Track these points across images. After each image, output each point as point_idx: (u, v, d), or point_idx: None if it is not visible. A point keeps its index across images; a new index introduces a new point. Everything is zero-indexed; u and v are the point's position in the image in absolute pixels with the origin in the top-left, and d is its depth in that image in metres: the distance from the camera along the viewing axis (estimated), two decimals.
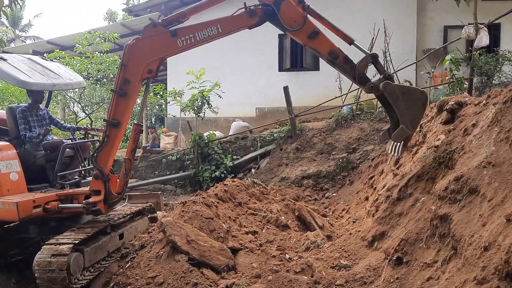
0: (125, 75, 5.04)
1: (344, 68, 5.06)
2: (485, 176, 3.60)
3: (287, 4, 4.91)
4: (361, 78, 5.02)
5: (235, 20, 5.05)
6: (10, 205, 5.05)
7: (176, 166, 12.30)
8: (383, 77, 4.93)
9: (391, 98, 4.85)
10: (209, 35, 5.00)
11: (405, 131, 4.82)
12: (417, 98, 4.85)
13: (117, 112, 5.13)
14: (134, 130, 5.32)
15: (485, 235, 3.12)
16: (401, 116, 4.83)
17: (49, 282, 4.60)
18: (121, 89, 5.06)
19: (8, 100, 12.27)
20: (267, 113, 14.75)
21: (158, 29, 5.02)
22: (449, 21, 12.85)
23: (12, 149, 5.63)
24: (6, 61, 5.80)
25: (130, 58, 5.03)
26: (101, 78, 13.52)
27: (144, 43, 5.04)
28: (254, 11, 4.93)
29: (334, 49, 5.01)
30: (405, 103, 4.79)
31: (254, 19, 4.96)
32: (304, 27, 4.93)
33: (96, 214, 5.52)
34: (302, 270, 4.54)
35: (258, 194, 7.55)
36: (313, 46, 5.03)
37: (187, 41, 5.00)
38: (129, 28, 16.95)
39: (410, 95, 4.81)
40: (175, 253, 4.87)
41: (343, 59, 5.03)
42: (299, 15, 4.93)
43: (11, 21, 35.57)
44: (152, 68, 5.08)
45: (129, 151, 5.34)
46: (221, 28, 5.01)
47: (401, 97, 4.78)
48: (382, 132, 5.53)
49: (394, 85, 4.88)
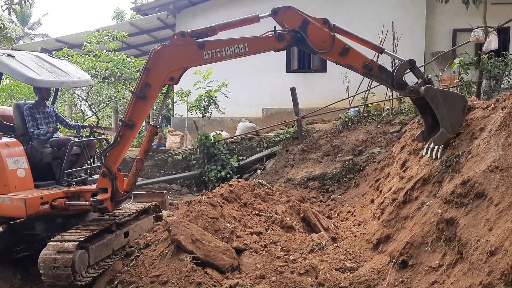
0: (147, 79, 5.07)
1: (380, 77, 5.09)
2: (493, 180, 3.58)
3: (313, 27, 4.94)
4: (400, 84, 5.04)
5: (263, 42, 5.06)
6: (18, 201, 5.09)
7: (182, 166, 12.32)
8: (422, 82, 4.94)
9: (432, 102, 4.87)
10: (235, 52, 5.02)
11: (445, 135, 4.86)
12: (458, 102, 4.90)
13: (133, 114, 5.16)
14: (150, 132, 5.37)
15: (491, 239, 3.10)
16: (442, 119, 4.86)
17: (54, 278, 4.62)
18: (141, 92, 5.09)
19: (16, 97, 12.33)
20: (274, 114, 14.75)
21: (186, 39, 5.03)
22: (458, 24, 12.78)
23: (20, 146, 5.67)
24: (15, 58, 5.83)
25: (154, 64, 5.05)
26: (109, 77, 13.56)
27: (170, 50, 5.06)
28: (283, 36, 4.95)
29: (367, 61, 5.03)
30: (446, 107, 4.83)
31: (282, 44, 4.99)
32: (334, 46, 4.95)
33: (103, 212, 5.54)
34: (307, 271, 4.52)
35: (263, 195, 7.54)
36: (347, 63, 5.05)
37: (213, 55, 5.02)
38: (137, 27, 17.03)
39: (451, 100, 4.86)
40: (179, 252, 4.87)
41: (378, 69, 5.05)
42: (326, 36, 4.95)
43: (20, 18, 35.82)
44: (174, 76, 5.11)
45: (142, 151, 5.36)
46: (248, 47, 5.03)
47: (442, 102, 4.82)
48: (417, 135, 5.66)
49: (436, 89, 4.92)
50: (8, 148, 5.45)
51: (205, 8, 15.28)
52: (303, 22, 4.92)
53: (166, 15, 15.84)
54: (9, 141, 5.62)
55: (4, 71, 5.86)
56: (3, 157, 5.30)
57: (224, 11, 14.62)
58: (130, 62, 12.80)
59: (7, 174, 5.29)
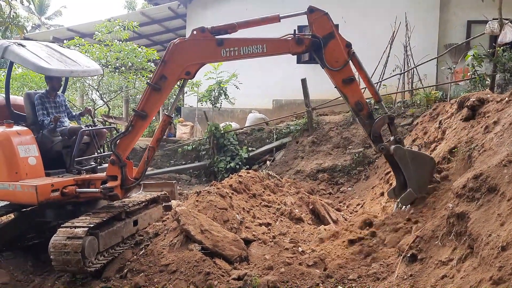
0: (163, 71, 5.08)
1: (364, 122, 5.07)
2: (505, 175, 3.52)
3: (335, 44, 4.92)
4: (375, 137, 5.05)
5: (281, 44, 5.07)
6: (29, 188, 5.14)
7: (192, 156, 12.37)
8: (393, 140, 4.99)
9: (401, 162, 4.95)
10: (253, 52, 5.01)
11: (412, 195, 4.91)
12: (426, 163, 4.95)
13: (147, 105, 5.18)
14: (164, 121, 5.40)
15: (503, 234, 3.06)
16: (409, 180, 4.93)
17: (64, 264, 4.67)
18: (156, 84, 5.10)
19: (28, 86, 12.43)
20: (284, 105, 14.69)
21: (206, 35, 5.02)
22: (472, 16, 12.56)
23: (31, 134, 5.72)
24: (25, 47, 5.87)
25: (172, 57, 5.05)
26: (120, 66, 13.60)
27: (188, 45, 5.06)
28: (302, 40, 4.94)
29: (362, 101, 5.02)
30: (414, 168, 4.90)
31: (300, 48, 4.97)
32: (342, 70, 4.94)
33: (113, 199, 5.59)
34: (315, 263, 4.51)
35: (272, 186, 7.54)
36: (344, 92, 5.03)
37: (231, 53, 5.01)
38: (148, 17, 17.01)
39: (419, 161, 4.93)
40: (188, 242, 4.90)
41: (367, 113, 5.04)
42: (342, 58, 4.93)
43: (37, 8, 36.00)
44: (191, 70, 5.11)
45: (154, 140, 5.39)
46: (267, 48, 5.03)
47: (411, 162, 4.90)
48: (388, 190, 5.63)
49: (405, 150, 4.95)
50: (19, 136, 5.50)
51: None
52: (330, 33, 4.91)
53: (177, 4, 15.80)
54: (20, 130, 5.67)
55: (16, 61, 5.90)
56: (14, 145, 5.35)
57: (236, 2, 14.53)
58: (141, 52, 12.82)
59: (18, 162, 5.34)
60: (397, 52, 11.31)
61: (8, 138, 5.36)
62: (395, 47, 11.38)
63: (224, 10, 14.97)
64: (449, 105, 7.16)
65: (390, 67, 11.35)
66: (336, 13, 13.96)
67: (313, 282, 4.16)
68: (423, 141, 7.03)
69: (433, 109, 8.12)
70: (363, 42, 11.58)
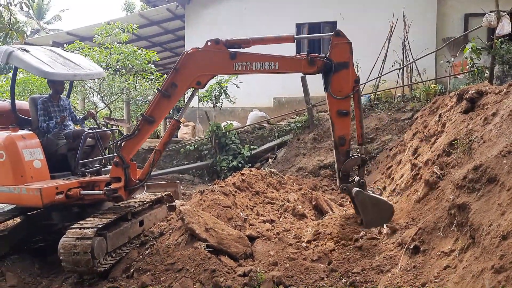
0: (174, 79, 5.13)
1: (339, 158, 5.16)
2: (505, 165, 3.58)
3: (346, 74, 4.95)
4: (344, 175, 5.15)
5: (294, 63, 5.07)
6: (34, 191, 5.21)
7: (194, 156, 12.43)
8: (356, 183, 5.07)
9: (360, 206, 5.06)
10: (264, 69, 5.02)
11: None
12: (385, 211, 5.02)
13: (155, 111, 5.24)
14: (172, 125, 5.45)
15: (503, 224, 3.11)
16: (367, 222, 5.02)
17: (74, 264, 4.73)
18: (166, 90, 5.15)
19: (29, 91, 12.48)
20: (285, 103, 14.74)
21: (220, 47, 5.06)
22: (470, 9, 12.58)
23: (35, 138, 5.78)
24: (29, 52, 5.93)
25: (184, 65, 5.10)
26: (120, 69, 13.65)
27: (202, 55, 5.10)
28: (314, 61, 4.94)
29: (347, 137, 5.12)
30: (373, 212, 4.99)
31: (312, 68, 4.98)
32: (341, 101, 5.00)
33: (117, 201, 5.65)
34: (319, 258, 4.57)
35: (275, 183, 7.59)
36: (335, 122, 5.11)
37: (243, 67, 5.04)
38: (147, 19, 17.06)
39: (379, 207, 5.01)
40: (193, 240, 4.95)
41: (345, 151, 5.14)
42: (346, 89, 4.97)
43: (36, 12, 36.06)
44: (201, 81, 5.16)
45: (162, 143, 5.47)
46: (279, 66, 5.03)
47: (371, 208, 5.00)
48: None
49: (365, 195, 5.01)
50: (24, 140, 5.56)
51: None
52: (345, 62, 4.93)
53: (176, 5, 15.84)
54: (25, 134, 5.74)
55: (20, 66, 5.97)
56: (19, 148, 5.41)
57: (235, 1, 14.57)
58: (141, 54, 12.87)
59: (23, 165, 5.41)
60: (395, 47, 11.35)
61: (13, 142, 5.42)
62: (393, 42, 11.42)
63: (223, 10, 15.03)
64: (448, 98, 7.20)
65: (389, 62, 11.40)
66: (334, 9, 14.16)
67: (318, 277, 4.21)
68: (424, 135, 7.07)
69: (432, 102, 8.17)
70: (362, 37, 11.60)
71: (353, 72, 5.00)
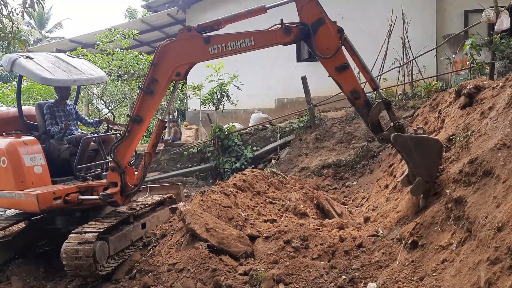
0: (154, 74, 5.10)
1: (361, 111, 4.83)
2: (500, 158, 3.59)
3: (325, 30, 4.71)
4: (375, 127, 4.80)
5: (269, 35, 4.91)
6: (31, 196, 5.28)
7: (197, 159, 12.48)
8: (393, 128, 4.67)
9: (403, 151, 4.66)
10: (241, 47, 4.90)
11: (422, 185, 4.60)
12: (431, 148, 4.57)
13: (141, 109, 5.23)
14: (158, 126, 5.42)
15: (498, 216, 3.12)
16: (416, 168, 4.61)
17: (76, 269, 4.79)
18: (148, 87, 5.13)
19: (34, 98, 12.59)
20: (286, 104, 14.76)
21: (192, 34, 4.99)
22: (469, 6, 12.54)
23: (37, 144, 5.85)
24: (32, 59, 6.03)
25: (161, 59, 5.07)
26: (122, 74, 13.76)
27: (176, 45, 5.05)
28: (290, 29, 4.76)
29: (358, 88, 4.80)
30: (419, 154, 4.55)
31: (289, 37, 4.79)
32: (334, 57, 4.72)
33: (113, 205, 5.68)
34: (319, 256, 4.58)
35: (277, 183, 7.62)
36: (338, 80, 4.81)
37: (219, 49, 4.93)
38: (148, 24, 17.19)
39: (424, 146, 4.55)
40: (194, 240, 4.99)
41: (364, 102, 4.79)
42: (333, 44, 4.71)
43: (38, 22, 36.34)
44: (181, 71, 5.09)
45: (150, 145, 5.45)
46: (254, 41, 4.88)
47: (414, 150, 4.55)
48: (401, 178, 5.07)
49: (406, 137, 4.61)
50: (25, 146, 5.64)
51: (214, 3, 15.32)
52: (319, 19, 4.70)
53: (176, 10, 15.95)
54: (27, 140, 5.81)
55: (22, 73, 6.08)
56: (20, 154, 5.50)
57: (234, 5, 14.62)
58: (142, 59, 12.97)
59: (24, 171, 5.49)
60: (395, 45, 11.35)
61: (14, 148, 5.51)
62: (393, 40, 11.42)
63: (223, 14, 14.88)
64: (448, 94, 7.21)
65: (390, 60, 11.40)
66: (333, 9, 14.09)
67: (318, 274, 4.23)
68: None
69: (432, 99, 8.17)
70: (362, 36, 11.64)
71: (331, 25, 4.73)
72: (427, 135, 4.70)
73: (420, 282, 3.58)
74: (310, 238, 4.88)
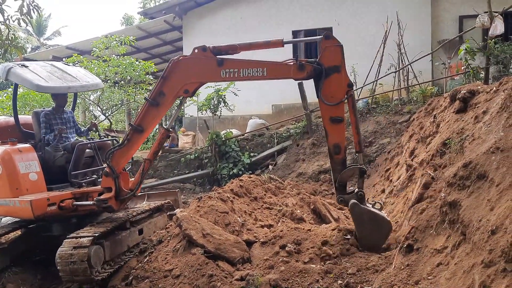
0: (162, 88, 5.05)
1: (336, 167, 4.83)
2: (493, 161, 3.61)
3: (338, 78, 4.65)
4: (340, 186, 4.82)
5: (283, 69, 4.89)
6: (26, 203, 5.27)
7: (195, 165, 12.49)
8: (354, 194, 4.70)
9: (356, 220, 4.73)
10: (252, 75, 4.86)
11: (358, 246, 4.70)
12: (382, 227, 4.63)
13: (144, 120, 5.19)
14: (162, 134, 5.41)
15: (492, 219, 3.14)
16: (362, 240, 4.69)
17: (71, 274, 4.76)
18: (154, 99, 5.08)
19: (30, 106, 12.61)
20: (283, 110, 14.81)
21: (207, 54, 4.93)
22: (464, 11, 12.68)
23: (32, 151, 5.85)
24: (27, 67, 6.05)
25: (172, 74, 5.01)
26: (119, 81, 13.80)
27: (189, 63, 5.01)
28: (304, 66, 4.70)
29: (342, 145, 4.80)
30: (369, 229, 4.64)
31: (302, 74, 4.74)
32: (335, 107, 4.67)
33: (108, 211, 5.67)
34: (310, 259, 4.55)
35: (274, 189, 7.63)
36: (328, 129, 4.79)
37: (230, 74, 4.89)
38: (145, 31, 17.24)
39: (376, 223, 4.61)
40: (191, 246, 4.98)
41: (341, 159, 4.81)
42: (339, 95, 4.66)
43: (36, 29, 36.40)
44: (189, 89, 5.04)
45: (151, 153, 5.43)
46: (267, 72, 4.84)
47: (367, 222, 4.64)
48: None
49: (363, 208, 4.66)
50: (20, 154, 5.64)
51: (211, 8, 15.40)
52: (336, 66, 4.63)
53: (173, 17, 16.02)
54: (22, 147, 5.81)
55: (16, 81, 6.10)
56: (15, 162, 5.50)
57: (231, 11, 14.72)
58: (139, 65, 13.01)
59: (19, 178, 5.48)
60: (391, 51, 11.43)
61: (9, 156, 5.51)
62: (389, 45, 11.50)
63: (219, 20, 15.18)
64: (443, 99, 7.25)
65: (385, 65, 11.47)
66: (329, 15, 14.28)
67: (313, 279, 4.23)
68: (420, 136, 7.11)
69: (428, 104, 8.22)
70: (357, 42, 11.73)
71: (345, 76, 4.69)
72: (383, 214, 4.76)
73: (416, 285, 3.58)
74: (302, 241, 4.89)
